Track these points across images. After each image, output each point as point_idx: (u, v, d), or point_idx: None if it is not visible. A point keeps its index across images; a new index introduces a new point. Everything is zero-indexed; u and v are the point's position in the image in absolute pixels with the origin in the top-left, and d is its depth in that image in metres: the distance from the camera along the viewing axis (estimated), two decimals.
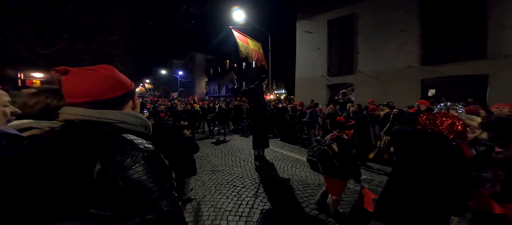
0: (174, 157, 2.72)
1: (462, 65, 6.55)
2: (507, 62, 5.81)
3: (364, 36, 8.66)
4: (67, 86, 0.56)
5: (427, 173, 1.41)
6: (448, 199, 1.39)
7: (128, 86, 0.66)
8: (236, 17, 9.68)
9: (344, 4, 9.14)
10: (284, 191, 3.23)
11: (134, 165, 0.49)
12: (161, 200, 0.50)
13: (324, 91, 10.14)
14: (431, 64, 7.08)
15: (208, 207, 2.83)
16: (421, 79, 7.39)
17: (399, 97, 7.13)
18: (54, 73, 0.57)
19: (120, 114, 0.59)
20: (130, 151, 0.50)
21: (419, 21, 7.25)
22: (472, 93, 6.65)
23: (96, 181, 0.48)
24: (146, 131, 0.68)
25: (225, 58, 28.57)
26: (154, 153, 0.55)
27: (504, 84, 5.81)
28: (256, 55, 10.14)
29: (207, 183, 3.58)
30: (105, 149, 0.50)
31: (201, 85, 36.52)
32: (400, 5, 7.62)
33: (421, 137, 1.47)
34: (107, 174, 0.48)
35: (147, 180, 0.49)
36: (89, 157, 0.49)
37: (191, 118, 6.26)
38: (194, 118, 6.78)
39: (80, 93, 0.56)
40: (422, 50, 7.27)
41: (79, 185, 0.48)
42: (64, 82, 0.56)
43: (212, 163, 4.58)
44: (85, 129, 0.54)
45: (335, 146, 2.32)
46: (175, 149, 2.73)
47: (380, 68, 8.27)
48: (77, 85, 0.56)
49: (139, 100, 0.74)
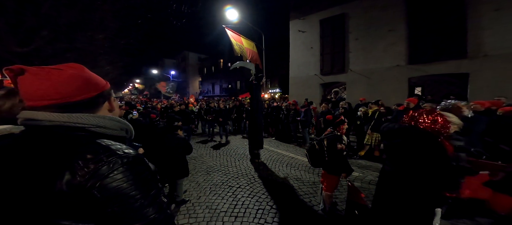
0: (166, 158, 2.66)
1: (445, 64, 6.85)
2: (485, 61, 6.13)
3: (355, 36, 8.84)
4: (24, 88, 0.50)
5: (414, 169, 1.46)
6: (433, 193, 1.44)
7: (102, 87, 0.60)
8: (230, 16, 9.60)
9: (336, 4, 9.28)
10: (279, 190, 3.24)
11: (111, 172, 0.46)
12: (146, 207, 0.48)
13: (317, 90, 10.28)
14: (417, 63, 7.36)
15: (203, 208, 2.79)
16: (408, 77, 7.67)
17: (388, 96, 7.35)
18: (8, 73, 0.51)
19: (93, 117, 0.54)
20: (107, 157, 0.47)
21: (406, 22, 7.51)
22: (454, 91, 6.94)
23: (66, 192, 0.44)
24: (127, 135, 0.63)
25: (219, 57, 28.29)
26: (136, 158, 0.51)
27: (483, 82, 6.13)
28: (251, 54, 10.10)
29: (202, 184, 3.53)
30: (74, 157, 0.46)
31: (195, 85, 36.02)
32: (388, 5, 7.84)
33: (408, 133, 1.51)
34: (78, 184, 0.44)
35: (128, 188, 0.46)
36: (55, 166, 0.45)
37: (187, 119, 5.96)
38: (189, 119, 6.47)
39: (41, 95, 0.50)
40: (408, 50, 7.54)
41: (44, 198, 0.44)
42: (20, 84, 0.50)
43: (207, 164, 4.52)
44: (49, 135, 0.49)
45: (326, 142, 2.43)
46: (167, 150, 2.67)
47: (370, 67, 8.48)
48: (38, 87, 0.50)
49: (117, 101, 0.69)
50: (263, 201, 2.90)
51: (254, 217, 2.55)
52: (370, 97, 7.30)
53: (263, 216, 2.55)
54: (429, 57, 7.10)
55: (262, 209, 2.69)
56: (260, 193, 3.13)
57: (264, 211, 2.65)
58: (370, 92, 8.08)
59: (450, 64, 6.77)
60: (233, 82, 26.53)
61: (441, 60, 6.88)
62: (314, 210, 2.64)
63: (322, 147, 2.42)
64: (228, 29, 9.03)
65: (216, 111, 6.82)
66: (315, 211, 2.63)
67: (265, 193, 3.12)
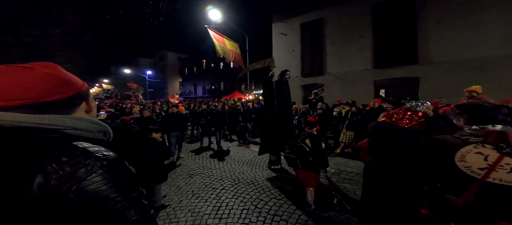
0: (141, 163, 2.50)
1: (401, 69, 7.81)
2: (431, 67, 7.17)
3: (331, 40, 9.46)
4: None
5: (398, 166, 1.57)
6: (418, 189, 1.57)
7: (79, 87, 0.59)
8: (212, 16, 9.46)
9: (314, 9, 9.82)
10: (263, 189, 3.29)
11: (89, 175, 0.45)
12: (127, 209, 0.48)
13: (299, 91, 10.68)
14: (381, 67, 8.24)
15: (185, 212, 2.69)
16: (374, 80, 8.51)
17: (359, 96, 8.06)
18: None
19: (69, 119, 0.52)
20: (84, 160, 0.46)
21: (372, 29, 8.32)
22: (409, 93, 7.93)
23: (38, 197, 0.42)
24: (104, 137, 0.62)
25: (202, 57, 27.53)
26: (116, 160, 0.51)
27: (430, 85, 7.15)
28: (233, 55, 10.07)
29: (183, 187, 3.40)
30: (46, 160, 0.44)
31: (174, 86, 34.43)
32: (358, 13, 8.60)
33: (387, 132, 1.64)
34: (52, 188, 0.43)
35: (108, 190, 0.46)
36: (23, 171, 0.43)
37: (181, 124, 4.95)
38: (184, 124, 5.27)
39: (10, 95, 0.47)
40: (374, 55, 8.38)
41: (13, 204, 0.42)
42: None
43: (189, 167, 4.36)
44: (16, 137, 0.47)
45: (308, 141, 2.54)
46: (142, 155, 2.50)
47: (344, 70, 9.17)
48: (5, 86, 0.47)
49: (95, 102, 0.67)
50: (247, 201, 2.91)
51: (238, 218, 2.54)
52: (345, 98, 7.89)
53: (248, 216, 2.56)
54: (389, 62, 8.01)
55: (247, 209, 2.70)
56: (244, 193, 3.13)
57: (248, 211, 2.66)
58: (345, 94, 8.73)
59: (405, 69, 7.74)
60: (216, 84, 26.03)
61: (399, 65, 7.83)
62: (297, 207, 2.74)
63: (308, 147, 2.52)
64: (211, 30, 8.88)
65: (211, 114, 5.97)
66: (298, 207, 2.73)
67: (250, 193, 3.14)
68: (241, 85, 21.40)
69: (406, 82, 8.21)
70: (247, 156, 5.03)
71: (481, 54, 6.37)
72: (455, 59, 6.77)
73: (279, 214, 2.58)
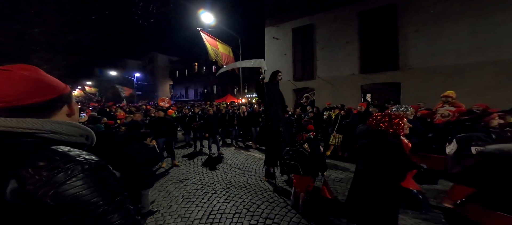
0: (127, 167, 2.39)
1: (385, 75, 8.24)
2: (411, 73, 7.67)
3: (321, 45, 9.78)
4: None
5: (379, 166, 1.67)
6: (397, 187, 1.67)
7: (60, 90, 0.58)
8: (205, 19, 9.44)
9: (305, 15, 10.13)
10: (256, 192, 3.27)
11: (69, 179, 0.44)
12: (111, 214, 0.47)
13: (290, 95, 10.84)
14: (367, 72, 8.64)
15: (174, 217, 2.60)
16: (360, 85, 8.88)
17: (348, 100, 8.38)
18: None
19: (48, 123, 0.51)
20: (64, 164, 0.45)
21: (358, 35, 8.74)
22: (392, 97, 8.47)
23: (11, 203, 0.41)
24: (87, 142, 0.61)
25: (194, 60, 27.25)
26: (99, 164, 0.50)
27: (410, 90, 7.64)
28: (226, 59, 10.07)
29: (172, 192, 3.29)
30: (21, 165, 0.44)
31: (165, 89, 33.63)
32: (346, 19, 9.00)
33: (371, 135, 1.75)
34: (27, 193, 0.42)
35: (89, 194, 0.45)
36: None
37: (169, 129, 4.61)
38: (172, 129, 4.90)
39: None
40: (360, 60, 8.77)
41: None
42: None
43: (179, 172, 4.24)
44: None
45: (307, 145, 2.53)
46: (128, 159, 2.40)
47: (333, 74, 9.49)
48: None
49: (77, 106, 0.66)
50: (239, 205, 2.87)
51: (230, 221, 2.50)
52: (334, 102, 8.14)
53: (240, 220, 2.53)
54: (374, 67, 8.42)
55: (239, 213, 2.67)
56: (236, 197, 3.09)
57: (241, 215, 2.63)
58: (334, 97, 9.00)
59: (388, 75, 8.18)
60: (209, 87, 25.79)
61: (383, 71, 8.26)
62: (290, 210, 2.74)
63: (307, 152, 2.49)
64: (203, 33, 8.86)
65: (205, 118, 5.62)
66: (289, 210, 2.73)
67: (242, 197, 3.10)
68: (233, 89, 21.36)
69: (390, 87, 8.66)
70: (239, 160, 4.99)
71: (454, 61, 6.90)
72: (432, 66, 7.25)
73: (271, 217, 2.56)
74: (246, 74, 17.45)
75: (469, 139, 2.09)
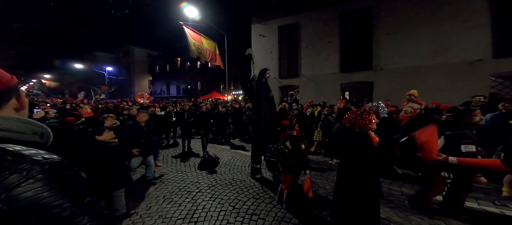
0: (93, 167, 2.16)
1: (360, 74, 8.87)
2: (382, 73, 8.38)
3: (305, 44, 10.07)
4: None
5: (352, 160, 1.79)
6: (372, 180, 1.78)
7: (5, 82, 0.51)
8: (189, 14, 9.00)
9: (291, 13, 10.30)
10: (242, 189, 3.24)
11: (24, 181, 0.41)
12: (79, 216, 0.44)
13: (276, 92, 10.98)
14: (345, 71, 9.19)
15: (155, 218, 2.45)
16: (340, 83, 9.40)
17: (329, 98, 8.81)
18: None
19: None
20: (17, 164, 0.41)
21: (339, 35, 9.21)
22: (367, 95, 9.17)
23: None
24: (41, 140, 0.54)
25: (176, 55, 25.91)
26: (61, 164, 0.46)
27: (381, 89, 8.36)
28: (210, 55, 9.75)
29: (152, 193, 3.10)
30: None
31: (143, 85, 31.53)
32: (328, 20, 9.41)
33: (344, 131, 1.87)
34: None
35: (52, 196, 0.42)
36: None
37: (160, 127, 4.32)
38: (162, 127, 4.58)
39: None
40: (340, 60, 9.27)
41: None
42: None
43: (159, 171, 4.01)
44: None
45: (288, 143, 2.53)
46: (92, 159, 2.16)
47: (316, 73, 9.87)
48: None
49: (27, 99, 0.59)
50: (225, 203, 2.82)
51: (216, 219, 2.44)
52: (317, 99, 8.48)
53: (225, 218, 2.48)
54: (352, 67, 8.99)
55: (225, 211, 2.61)
56: (222, 195, 3.03)
57: (226, 212, 2.58)
58: (317, 95, 9.38)
59: (363, 74, 8.82)
60: (193, 83, 24.82)
61: (359, 71, 8.87)
62: (275, 206, 2.77)
63: (288, 149, 2.47)
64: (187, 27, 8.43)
65: (196, 116, 5.20)
66: (275, 206, 2.76)
67: (227, 194, 3.05)
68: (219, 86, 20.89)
69: (365, 86, 9.32)
70: (224, 157, 4.90)
71: (416, 63, 7.69)
72: (399, 67, 8.00)
73: (257, 213, 2.56)
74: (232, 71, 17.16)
75: (458, 136, 2.04)
